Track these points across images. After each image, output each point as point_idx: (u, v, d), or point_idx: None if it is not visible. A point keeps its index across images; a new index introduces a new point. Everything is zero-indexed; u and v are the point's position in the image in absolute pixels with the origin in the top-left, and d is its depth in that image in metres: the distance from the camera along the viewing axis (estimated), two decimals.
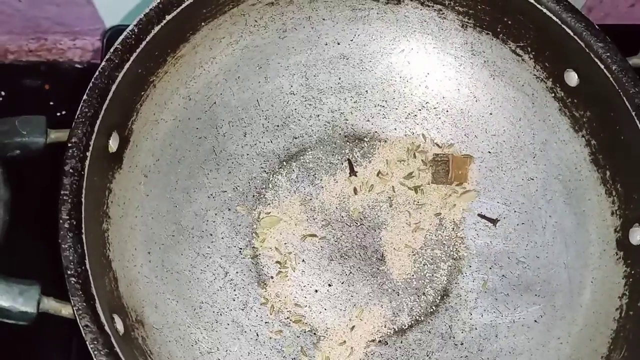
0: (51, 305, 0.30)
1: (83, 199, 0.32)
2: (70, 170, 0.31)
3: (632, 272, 0.36)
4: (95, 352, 0.29)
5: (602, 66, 0.37)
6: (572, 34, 0.37)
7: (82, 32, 0.51)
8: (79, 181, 0.31)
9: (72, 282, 0.29)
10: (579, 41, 0.37)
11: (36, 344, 0.42)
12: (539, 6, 0.38)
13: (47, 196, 0.32)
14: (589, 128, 0.40)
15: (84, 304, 0.29)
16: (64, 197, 0.31)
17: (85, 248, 0.31)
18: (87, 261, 0.30)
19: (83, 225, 0.31)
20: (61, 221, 0.30)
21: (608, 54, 0.36)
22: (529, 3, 0.38)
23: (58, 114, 0.45)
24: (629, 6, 0.52)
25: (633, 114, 0.35)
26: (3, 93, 0.49)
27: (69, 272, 0.30)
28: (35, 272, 0.31)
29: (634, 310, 0.35)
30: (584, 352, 0.36)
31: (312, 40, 0.44)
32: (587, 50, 0.37)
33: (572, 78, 0.40)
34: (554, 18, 0.38)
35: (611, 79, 0.36)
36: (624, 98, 0.36)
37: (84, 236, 0.31)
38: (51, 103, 0.45)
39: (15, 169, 0.32)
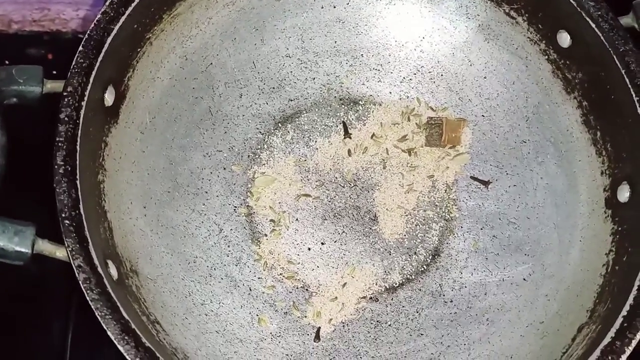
0: (46, 247, 0.31)
1: (78, 147, 0.32)
2: (65, 118, 0.32)
3: (619, 228, 0.37)
4: (88, 292, 0.29)
5: (594, 25, 0.37)
6: None
7: (85, 3, 0.51)
8: (74, 129, 0.32)
9: (66, 224, 0.30)
10: (571, 0, 0.37)
11: (34, 303, 0.43)
12: None
13: (46, 145, 0.33)
14: (581, 89, 0.40)
15: (77, 245, 0.30)
16: (59, 144, 0.32)
17: (79, 193, 0.31)
18: (80, 205, 0.31)
19: (78, 172, 0.32)
20: (56, 167, 0.31)
21: (599, 12, 0.37)
22: None
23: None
24: None
25: (623, 71, 0.36)
26: (7, 62, 0.49)
27: (63, 215, 0.30)
28: (32, 217, 0.32)
29: (619, 265, 0.35)
30: (571, 308, 0.37)
31: (308, 3, 0.44)
32: (579, 9, 0.37)
33: (564, 39, 0.40)
34: None
35: (602, 37, 0.37)
36: (614, 56, 0.36)
37: (78, 182, 0.32)
38: (54, 72, 0.46)
39: (13, 117, 0.33)
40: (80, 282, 0.30)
